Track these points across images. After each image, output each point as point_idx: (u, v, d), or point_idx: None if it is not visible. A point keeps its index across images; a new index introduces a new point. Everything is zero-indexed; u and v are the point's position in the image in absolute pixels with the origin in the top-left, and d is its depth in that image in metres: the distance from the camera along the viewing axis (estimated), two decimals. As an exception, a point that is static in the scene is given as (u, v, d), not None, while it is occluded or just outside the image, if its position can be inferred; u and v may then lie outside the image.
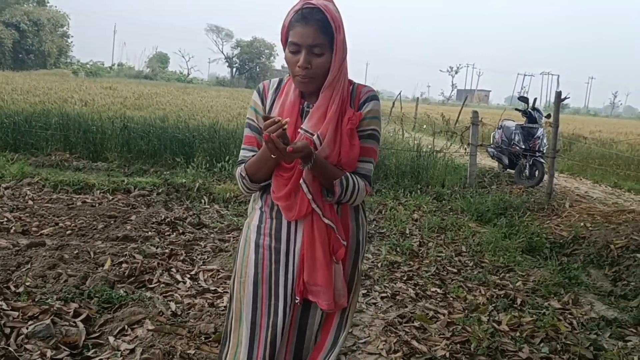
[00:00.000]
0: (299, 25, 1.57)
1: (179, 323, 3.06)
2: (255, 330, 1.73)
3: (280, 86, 1.75)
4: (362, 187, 1.69)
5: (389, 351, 2.95)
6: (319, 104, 1.63)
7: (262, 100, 1.76)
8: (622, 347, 3.21)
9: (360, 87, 1.74)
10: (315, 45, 1.57)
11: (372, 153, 1.73)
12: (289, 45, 1.60)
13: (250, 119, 1.77)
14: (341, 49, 1.61)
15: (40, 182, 6.12)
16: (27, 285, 3.27)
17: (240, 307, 1.77)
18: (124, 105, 11.70)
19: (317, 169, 1.58)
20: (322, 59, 1.59)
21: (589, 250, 4.94)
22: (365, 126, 1.69)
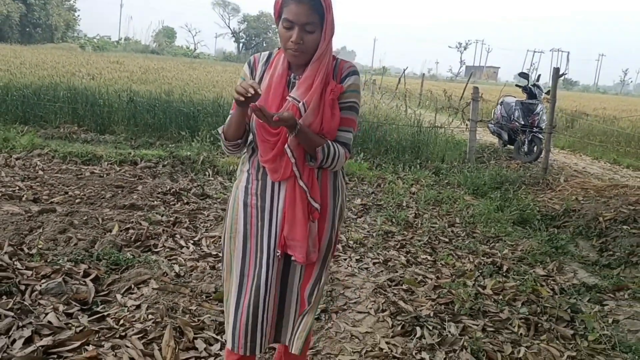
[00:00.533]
0: (293, 3, 1.73)
1: (182, 283, 3.28)
2: (243, 280, 1.93)
3: (269, 59, 1.92)
4: (342, 154, 1.87)
5: (377, 310, 3.16)
6: (307, 75, 1.81)
7: (252, 71, 1.94)
8: (599, 310, 3.41)
9: (343, 62, 1.90)
10: (307, 23, 1.74)
11: (351, 123, 1.90)
12: (283, 21, 1.77)
13: None
14: (330, 27, 1.78)
15: (50, 153, 6.33)
16: (40, 248, 3.49)
17: (231, 260, 1.97)
18: (130, 80, 11.83)
19: (301, 136, 1.75)
20: (313, 35, 1.76)
21: (579, 222, 5.11)
22: (346, 98, 1.86)
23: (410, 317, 3.06)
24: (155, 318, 2.80)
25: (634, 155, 10.24)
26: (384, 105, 11.46)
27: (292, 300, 1.97)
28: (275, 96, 1.82)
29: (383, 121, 8.70)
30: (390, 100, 13.42)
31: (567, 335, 3.04)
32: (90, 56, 22.48)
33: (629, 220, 4.95)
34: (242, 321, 1.89)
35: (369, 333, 2.92)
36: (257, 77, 1.91)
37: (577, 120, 13.63)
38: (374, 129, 8.29)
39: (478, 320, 3.12)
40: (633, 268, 4.22)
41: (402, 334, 2.91)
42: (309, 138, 1.78)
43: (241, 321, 1.90)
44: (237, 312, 1.91)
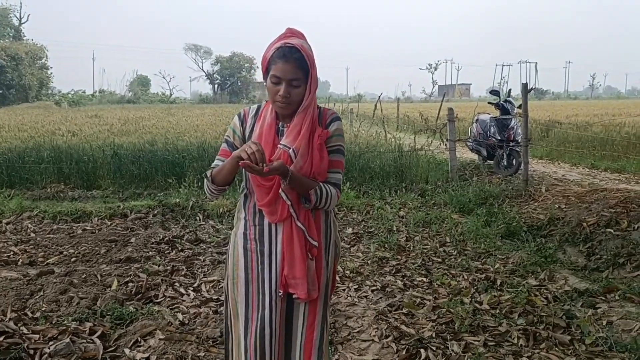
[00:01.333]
0: (280, 62, 1.89)
1: (187, 331, 3.33)
2: (248, 324, 2.02)
3: (258, 112, 2.08)
4: (334, 194, 2.01)
5: (380, 337, 3.25)
6: (295, 123, 1.96)
7: (242, 123, 2.08)
8: (593, 314, 3.53)
9: (326, 110, 2.09)
10: (293, 79, 1.90)
11: (339, 165, 2.06)
12: (271, 77, 1.93)
13: (227, 136, 2.10)
14: (315, 81, 1.96)
15: (40, 214, 6.36)
16: (43, 310, 3.53)
17: (236, 305, 2.06)
18: (111, 133, 11.95)
19: (294, 182, 1.89)
20: (298, 90, 1.93)
21: (564, 230, 5.27)
22: (332, 142, 2.03)
23: (413, 340, 3.15)
24: (166, 368, 2.85)
25: (610, 158, 10.54)
26: (364, 133, 11.69)
27: (297, 342, 2.05)
28: (266, 144, 1.96)
29: (365, 149, 8.89)
30: (369, 127, 13.68)
31: (565, 342, 3.15)
32: (67, 112, 22.59)
33: (612, 223, 5.12)
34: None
35: (376, 360, 2.99)
36: (248, 128, 2.05)
37: (551, 129, 13.99)
38: (357, 158, 8.47)
39: (479, 336, 3.22)
40: (621, 269, 4.37)
41: (408, 358, 2.99)
42: (302, 182, 1.91)
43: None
44: (246, 356, 1.99)
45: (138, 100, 56.43)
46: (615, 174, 9.31)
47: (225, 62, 68.58)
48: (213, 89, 71.53)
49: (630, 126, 13.59)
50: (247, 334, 2.00)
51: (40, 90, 50.31)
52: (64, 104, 43.15)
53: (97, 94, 62.01)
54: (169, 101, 58.26)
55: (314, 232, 1.99)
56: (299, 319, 2.04)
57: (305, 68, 1.90)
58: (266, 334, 1.97)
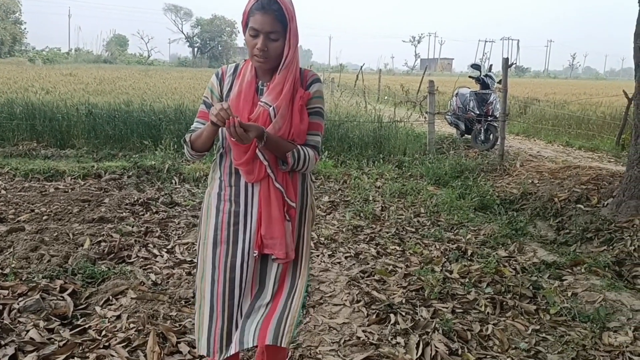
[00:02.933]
0: (259, 13, 1.83)
1: (159, 291, 3.33)
2: (214, 286, 2.00)
3: (237, 70, 2.02)
4: (312, 156, 1.98)
5: (352, 302, 3.30)
6: (277, 81, 1.91)
7: (220, 82, 2.03)
8: (559, 285, 3.63)
9: (307, 71, 2.03)
10: (271, 31, 1.84)
11: (318, 127, 2.02)
12: (249, 30, 1.87)
13: (205, 97, 2.06)
14: (294, 35, 1.89)
15: (11, 171, 6.23)
16: (13, 267, 3.48)
17: (204, 267, 2.04)
18: (86, 92, 11.67)
19: (270, 144, 1.85)
20: (277, 43, 1.87)
21: (536, 204, 5.38)
22: (312, 104, 1.98)
23: (383, 306, 3.20)
24: (137, 326, 2.86)
25: (585, 136, 10.72)
26: (344, 103, 11.65)
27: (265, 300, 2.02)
28: (245, 102, 1.91)
29: (344, 119, 8.86)
30: (350, 98, 13.61)
31: (531, 311, 3.24)
32: (41, 70, 21.95)
33: (582, 199, 5.23)
34: (218, 326, 1.98)
35: (346, 324, 3.04)
36: (226, 87, 2.00)
37: (529, 106, 14.13)
38: (337, 127, 8.44)
39: (447, 303, 3.29)
40: (588, 244, 4.49)
41: (377, 322, 3.05)
42: (278, 144, 1.87)
43: (217, 326, 1.98)
44: (211, 318, 1.99)
45: (115, 61, 55.13)
46: (589, 152, 9.48)
47: (206, 25, 67.23)
48: (192, 52, 70.22)
49: (605, 106, 13.80)
50: (213, 295, 1.99)
51: (14, 46, 48.81)
52: (38, 61, 41.88)
53: (73, 53, 60.35)
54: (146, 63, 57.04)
55: (292, 194, 1.97)
56: (270, 279, 2.03)
57: (283, 22, 1.84)
58: (235, 296, 1.97)
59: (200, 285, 2.05)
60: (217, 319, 1.98)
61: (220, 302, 1.98)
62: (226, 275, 1.98)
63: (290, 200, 1.96)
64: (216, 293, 1.99)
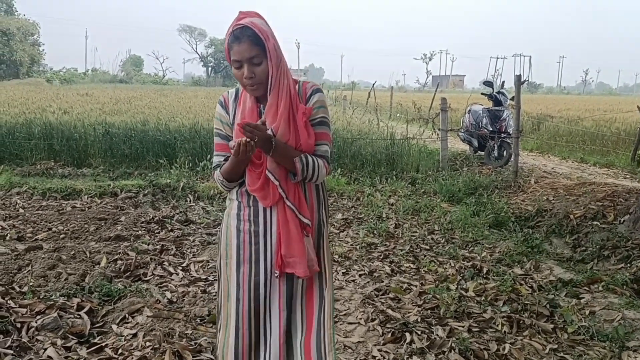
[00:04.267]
0: (235, 44, 1.88)
1: (175, 309, 3.35)
2: (239, 305, 2.01)
3: (237, 96, 2.05)
4: (322, 165, 1.97)
5: (367, 320, 3.29)
6: (270, 103, 1.92)
7: (226, 110, 2.05)
8: (576, 304, 3.59)
9: (305, 83, 2.05)
10: (252, 57, 1.87)
11: (325, 137, 2.02)
12: (233, 63, 1.91)
13: (218, 129, 2.06)
14: (274, 54, 1.90)
15: (29, 190, 6.34)
16: (31, 285, 3.53)
17: (228, 286, 2.05)
18: (103, 111, 11.83)
19: (279, 151, 1.86)
20: (261, 67, 1.89)
21: (551, 221, 5.33)
22: (314, 115, 2.00)
23: (399, 324, 3.19)
24: (153, 344, 2.87)
25: (600, 152, 10.64)
26: (357, 120, 11.68)
27: (298, 319, 2.03)
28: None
29: (357, 136, 8.89)
30: (362, 115, 13.67)
31: (548, 330, 3.20)
32: (58, 90, 22.34)
33: (598, 216, 5.19)
34: (245, 344, 1.99)
35: (361, 342, 3.03)
36: (231, 114, 2.03)
37: (543, 122, 14.06)
38: (349, 144, 8.47)
39: (463, 322, 3.27)
40: (605, 261, 4.44)
41: (393, 341, 3.04)
42: (286, 151, 1.88)
43: (244, 344, 1.99)
44: (237, 336, 1.99)
45: (130, 80, 55.90)
46: (604, 168, 9.40)
47: (220, 45, 67.89)
48: (206, 71, 71.04)
49: (620, 122, 13.68)
50: (238, 314, 2.00)
51: (32, 66, 49.71)
52: (55, 82, 42.62)
53: (89, 73, 61.34)
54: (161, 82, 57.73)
55: (305, 210, 1.97)
56: (297, 298, 2.03)
57: (260, 44, 1.86)
58: (261, 317, 1.98)
59: (225, 304, 2.05)
60: (244, 337, 1.99)
61: (246, 320, 1.99)
62: (251, 294, 1.99)
63: (304, 217, 1.96)
64: (241, 312, 2.00)
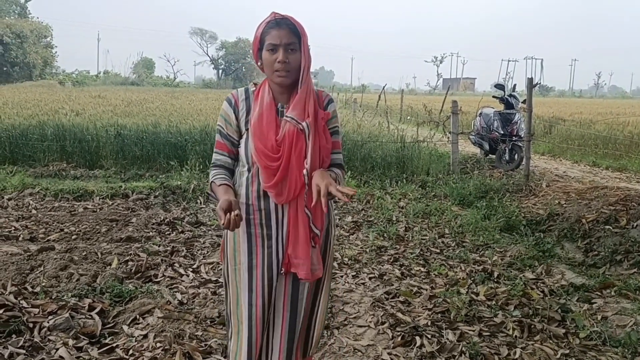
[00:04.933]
0: (274, 29, 1.89)
1: (185, 310, 3.37)
2: (252, 309, 2.00)
3: (248, 94, 2.03)
4: (341, 174, 2.06)
5: (376, 323, 3.28)
6: (299, 97, 1.91)
7: (235, 110, 2.02)
8: (588, 309, 3.56)
9: (320, 92, 2.06)
10: (289, 43, 1.89)
11: (339, 146, 2.09)
12: (267, 46, 1.90)
13: (220, 126, 2.04)
14: (308, 50, 1.93)
15: (42, 191, 6.40)
16: (43, 285, 3.56)
17: (237, 291, 2.04)
18: (114, 113, 11.93)
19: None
20: (296, 55, 1.90)
21: (563, 226, 5.29)
22: (332, 124, 2.03)
23: (409, 328, 3.18)
24: (163, 345, 2.88)
25: (612, 156, 10.54)
26: (367, 123, 11.69)
27: (299, 320, 2.07)
28: (269, 125, 1.92)
29: (367, 139, 8.89)
30: (372, 118, 13.66)
31: (560, 334, 3.18)
32: (71, 92, 22.54)
33: (611, 220, 5.14)
34: (257, 349, 1.99)
35: (371, 346, 3.03)
36: (241, 112, 2.00)
37: (554, 126, 13.97)
38: (359, 147, 8.47)
39: (474, 326, 3.25)
40: (618, 266, 4.40)
41: (403, 345, 3.03)
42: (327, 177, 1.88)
43: (256, 349, 1.99)
44: (250, 341, 1.99)
45: (142, 83, 56.31)
46: (617, 172, 9.32)
47: (231, 48, 68.35)
48: (217, 74, 71.36)
49: (633, 126, 13.56)
50: (251, 319, 1.99)
51: (45, 69, 50.18)
52: (67, 84, 43.05)
53: (101, 75, 61.89)
54: (172, 85, 58.12)
55: (318, 220, 1.98)
56: (302, 300, 2.05)
57: (297, 34, 1.90)
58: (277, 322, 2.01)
59: (235, 310, 2.04)
60: (257, 342, 1.99)
61: (260, 325, 1.99)
62: (264, 299, 1.99)
63: (316, 227, 1.97)
64: (255, 317, 1.99)
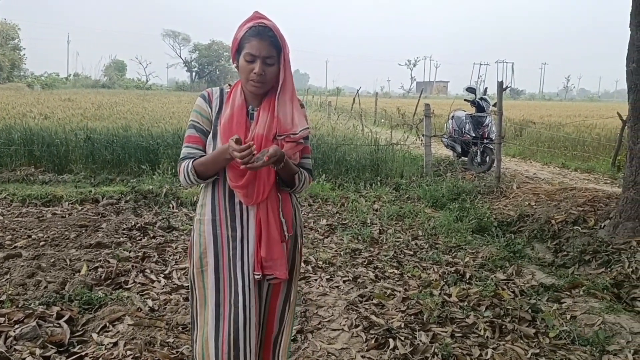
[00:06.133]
0: (255, 39, 1.87)
1: (157, 317, 3.31)
2: (219, 310, 1.97)
3: (222, 94, 2.03)
4: (308, 178, 2.05)
5: (350, 326, 3.28)
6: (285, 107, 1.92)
7: (209, 104, 2.02)
8: (558, 308, 3.62)
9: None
10: (268, 56, 1.88)
11: (309, 151, 2.09)
12: (245, 55, 1.89)
13: (195, 121, 2.02)
14: (288, 61, 1.94)
15: (8, 197, 6.23)
16: (9, 293, 3.47)
17: (204, 293, 2.01)
18: (84, 117, 11.73)
19: (286, 167, 1.88)
20: (273, 68, 1.90)
21: (533, 227, 5.38)
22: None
23: (382, 330, 3.18)
24: (134, 353, 2.83)
25: (581, 158, 10.78)
26: (341, 126, 11.72)
27: (264, 321, 2.07)
28: (239, 126, 1.92)
29: (341, 142, 8.91)
30: (347, 121, 13.72)
31: (530, 334, 3.22)
32: (39, 95, 22.07)
33: (579, 220, 5.25)
34: (224, 351, 1.93)
35: (345, 349, 3.02)
36: (214, 109, 2.00)
37: (525, 128, 14.22)
38: (334, 150, 8.48)
39: (446, 327, 3.27)
40: (586, 266, 4.49)
41: (377, 347, 3.03)
42: (290, 167, 1.91)
43: (223, 352, 1.93)
44: (217, 344, 1.94)
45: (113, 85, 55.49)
46: (585, 173, 9.53)
47: (204, 50, 67.90)
48: (190, 76, 70.79)
49: (600, 128, 13.90)
50: (219, 321, 1.95)
51: (12, 71, 49.08)
52: (36, 87, 42.13)
53: (71, 78, 60.76)
54: (145, 87, 57.37)
55: (290, 222, 2.00)
56: (262, 300, 2.03)
57: (278, 47, 1.89)
58: (240, 321, 1.93)
59: (201, 312, 2.01)
60: (223, 344, 1.93)
61: (226, 325, 1.94)
62: (231, 299, 1.96)
63: (287, 231, 1.99)
64: (222, 317, 1.95)
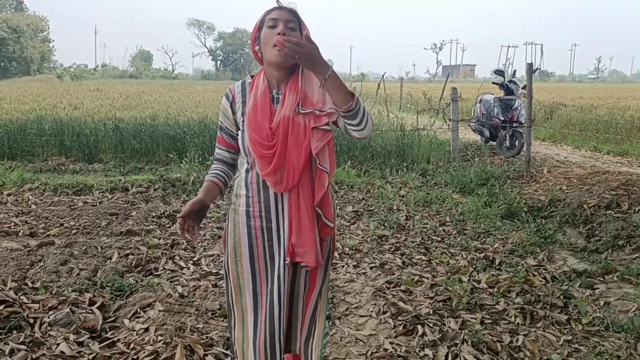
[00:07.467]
0: (275, 10, 1.88)
1: (186, 303, 3.36)
2: (257, 298, 2.00)
3: (245, 86, 2.00)
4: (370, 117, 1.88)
5: (378, 312, 3.27)
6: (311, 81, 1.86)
7: (231, 104, 2.00)
8: (590, 294, 3.54)
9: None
10: (290, 20, 1.87)
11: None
12: (267, 22, 1.88)
13: (221, 122, 2.04)
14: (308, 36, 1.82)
15: (41, 186, 6.38)
16: (43, 281, 3.55)
17: (239, 282, 2.02)
18: (113, 107, 11.91)
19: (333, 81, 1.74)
20: (296, 33, 1.86)
21: (565, 211, 5.27)
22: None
23: (410, 317, 3.16)
24: (164, 339, 2.87)
25: (614, 141, 10.50)
26: (366, 112, 11.60)
27: (299, 309, 2.05)
28: (263, 113, 1.88)
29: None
30: (372, 106, 13.60)
31: (562, 321, 3.16)
32: (69, 86, 22.48)
33: (612, 205, 5.11)
34: (261, 340, 1.96)
35: (373, 335, 3.02)
36: (237, 105, 1.98)
37: (555, 111, 13.90)
38: (359, 136, 8.42)
39: (476, 314, 3.23)
40: (620, 251, 4.38)
41: (405, 334, 3.01)
42: (340, 84, 1.76)
43: (260, 341, 1.96)
44: (256, 332, 1.98)
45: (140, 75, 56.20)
46: (618, 157, 9.28)
47: (228, 39, 68.14)
48: (215, 65, 71.20)
49: (634, 109, 13.50)
50: (257, 310, 1.99)
51: (42, 63, 50.09)
52: (65, 78, 42.96)
53: (99, 68, 61.75)
54: (171, 77, 57.93)
55: (330, 213, 1.97)
56: (300, 287, 2.03)
57: (297, 19, 1.89)
58: (275, 310, 1.95)
59: (238, 300, 2.04)
60: (261, 332, 1.97)
61: (264, 314, 1.96)
62: (267, 287, 1.98)
63: (329, 221, 1.96)
64: (260, 305, 1.98)
